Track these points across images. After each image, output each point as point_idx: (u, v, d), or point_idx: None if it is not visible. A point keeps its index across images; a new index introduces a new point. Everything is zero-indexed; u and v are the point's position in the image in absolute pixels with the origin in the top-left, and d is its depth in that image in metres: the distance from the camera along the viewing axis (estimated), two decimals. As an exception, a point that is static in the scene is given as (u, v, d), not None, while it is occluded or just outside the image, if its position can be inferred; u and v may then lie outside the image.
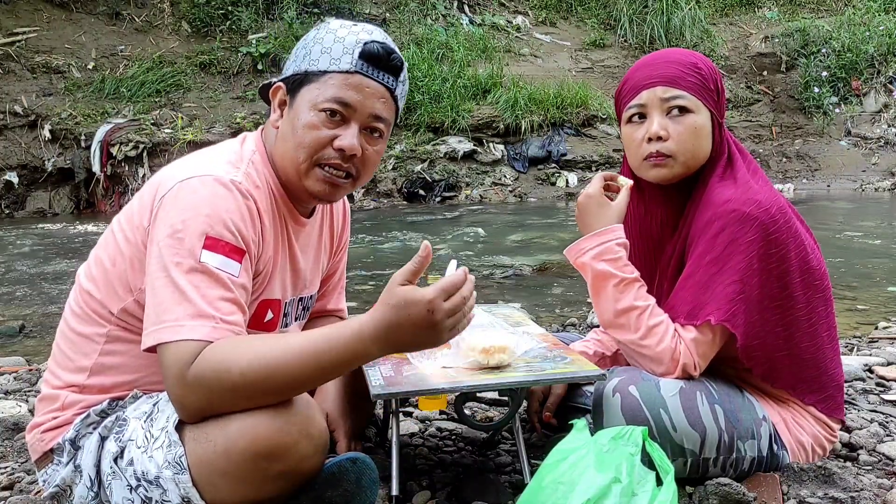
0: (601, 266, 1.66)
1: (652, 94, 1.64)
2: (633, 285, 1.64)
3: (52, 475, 1.48)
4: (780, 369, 1.65)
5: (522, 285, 4.89)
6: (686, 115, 1.63)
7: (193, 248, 1.31)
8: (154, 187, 1.44)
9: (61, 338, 1.53)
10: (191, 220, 1.33)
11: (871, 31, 11.56)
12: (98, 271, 1.48)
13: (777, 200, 1.62)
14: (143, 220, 1.42)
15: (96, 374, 1.47)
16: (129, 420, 1.40)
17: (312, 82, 1.46)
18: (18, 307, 4.52)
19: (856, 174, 10.44)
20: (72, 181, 8.82)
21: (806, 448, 1.70)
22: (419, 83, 9.96)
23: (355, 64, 1.45)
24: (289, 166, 1.49)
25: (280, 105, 1.51)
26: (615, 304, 1.64)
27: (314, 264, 1.69)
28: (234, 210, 1.37)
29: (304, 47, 1.50)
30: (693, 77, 1.64)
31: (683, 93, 1.63)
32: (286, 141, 1.48)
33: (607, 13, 12.76)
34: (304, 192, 1.52)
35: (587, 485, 1.25)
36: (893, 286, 4.59)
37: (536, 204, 9.33)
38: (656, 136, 1.64)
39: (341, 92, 1.44)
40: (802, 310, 1.63)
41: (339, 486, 1.40)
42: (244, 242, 1.37)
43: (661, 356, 1.59)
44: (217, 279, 1.32)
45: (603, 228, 1.69)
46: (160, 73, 9.67)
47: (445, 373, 1.51)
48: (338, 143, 1.45)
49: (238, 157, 1.49)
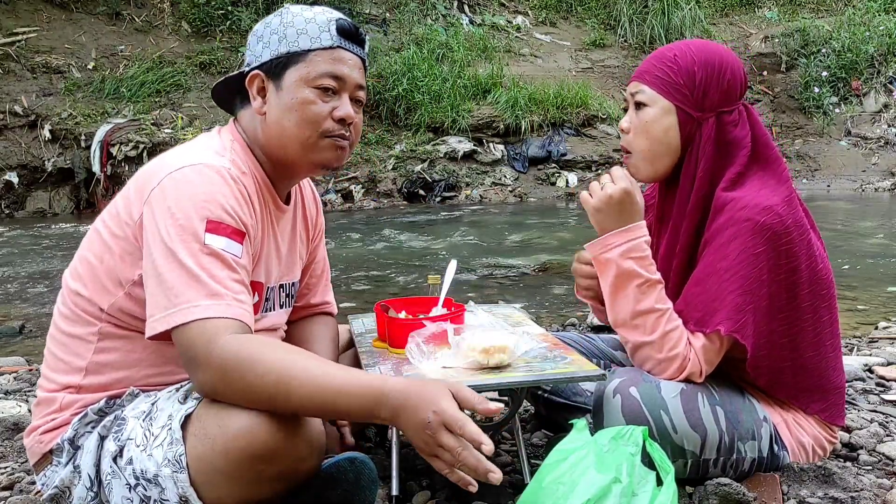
0: (627, 264, 1.59)
1: (629, 90, 1.70)
2: (656, 287, 1.60)
3: (50, 476, 1.47)
4: (784, 380, 1.64)
5: (522, 285, 4.89)
6: (642, 108, 1.65)
7: (197, 232, 1.33)
8: (140, 183, 1.45)
9: (52, 342, 1.53)
10: (190, 206, 1.35)
11: (871, 31, 11.56)
12: (85, 270, 1.49)
13: (793, 210, 1.58)
14: (133, 214, 1.42)
15: (92, 373, 1.47)
16: (128, 419, 1.39)
17: (298, 62, 1.49)
18: (18, 307, 4.52)
19: (856, 174, 10.44)
20: (72, 181, 8.81)
21: (806, 448, 1.70)
22: (419, 83, 9.96)
23: (335, 39, 1.51)
24: (291, 143, 1.52)
25: (259, 92, 1.53)
26: (635, 304, 1.60)
27: (292, 252, 1.71)
28: (229, 194, 1.40)
29: (272, 33, 1.53)
30: (660, 71, 1.62)
31: (644, 87, 1.64)
32: (282, 122, 1.51)
33: (607, 13, 12.76)
34: (307, 164, 1.55)
35: (587, 485, 1.25)
36: (893, 286, 4.59)
37: (536, 204, 9.33)
38: (621, 130, 1.69)
39: (331, 66, 1.50)
40: (809, 320, 1.62)
41: (338, 486, 1.41)
42: (243, 225, 1.40)
43: (671, 362, 1.58)
44: (223, 260, 1.34)
45: (632, 224, 1.61)
46: (160, 73, 9.66)
47: (445, 373, 1.51)
48: (338, 114, 1.51)
49: (221, 146, 1.52)
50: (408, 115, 9.94)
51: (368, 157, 9.45)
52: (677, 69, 1.62)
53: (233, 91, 1.61)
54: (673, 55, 1.64)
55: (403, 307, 1.83)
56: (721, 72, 1.63)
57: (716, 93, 1.63)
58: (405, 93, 9.88)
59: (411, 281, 5.06)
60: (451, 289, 1.83)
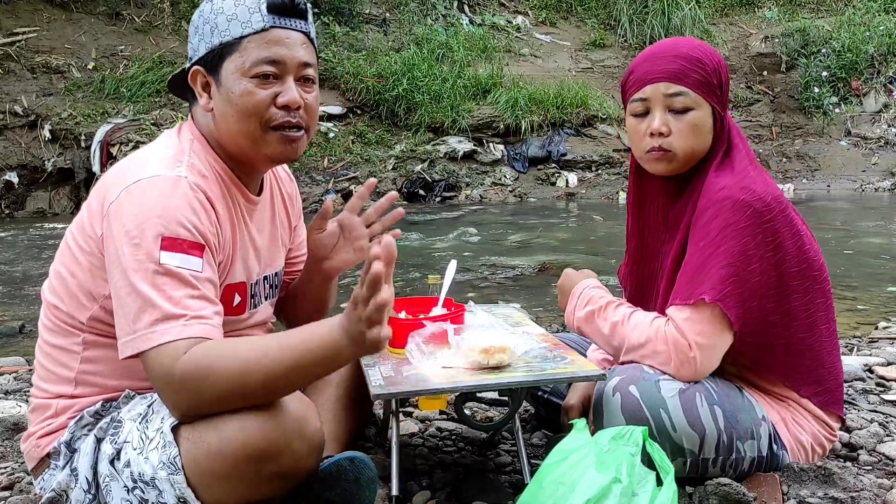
0: (584, 312, 1.75)
1: (655, 90, 1.66)
2: (609, 306, 1.72)
3: (48, 480, 1.47)
4: (775, 358, 1.65)
5: (522, 285, 4.89)
6: (687, 112, 1.65)
7: (151, 251, 1.30)
8: (101, 195, 1.42)
9: (40, 353, 1.53)
10: (144, 223, 1.32)
11: (871, 31, 11.55)
12: (59, 284, 1.48)
13: (773, 189, 1.62)
14: (95, 228, 1.41)
15: (82, 383, 1.47)
16: (124, 422, 1.39)
17: (232, 53, 1.43)
18: (18, 307, 4.52)
19: (856, 174, 10.43)
20: (72, 181, 8.81)
21: (805, 447, 1.70)
22: (419, 83, 9.96)
23: (266, 20, 1.43)
24: (240, 139, 1.47)
25: (204, 88, 1.48)
26: (605, 332, 1.71)
27: (272, 241, 1.67)
28: (185, 206, 1.35)
29: (205, 23, 1.46)
30: (696, 73, 1.64)
31: (685, 89, 1.64)
32: (227, 117, 1.46)
33: (607, 13, 12.76)
34: (262, 159, 1.51)
35: (587, 485, 1.25)
36: (893, 286, 4.59)
37: (536, 204, 9.33)
38: (658, 132, 1.66)
39: (265, 51, 1.42)
40: (799, 300, 1.63)
41: (338, 485, 1.40)
42: (201, 236, 1.36)
43: (648, 342, 1.60)
44: (180, 278, 1.31)
45: (574, 286, 1.83)
46: (160, 73, 9.65)
47: (445, 373, 1.51)
48: (280, 101, 1.44)
49: (178, 149, 1.47)
50: (408, 115, 9.94)
51: (368, 157, 9.45)
52: (710, 70, 1.65)
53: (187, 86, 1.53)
54: (696, 56, 1.65)
55: (403, 307, 1.83)
56: (727, 70, 1.72)
57: (728, 91, 1.72)
58: (405, 93, 9.87)
59: (411, 281, 5.06)
60: (451, 289, 1.83)
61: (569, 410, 1.78)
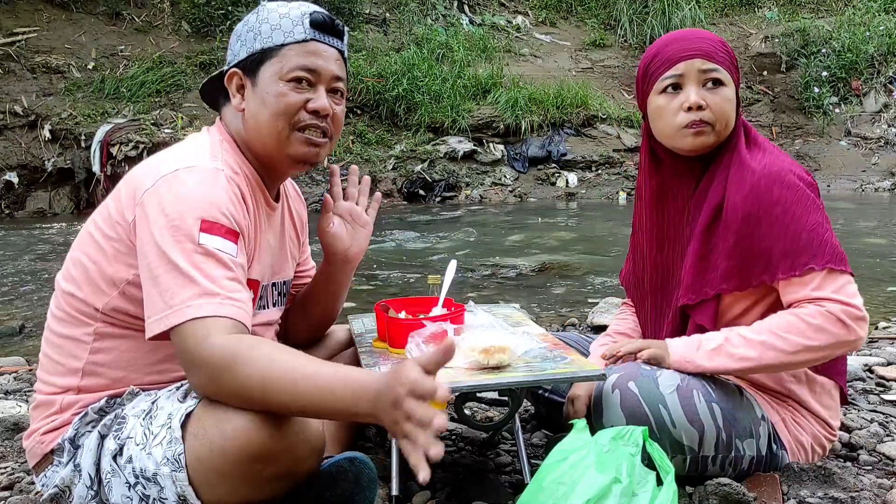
0: (718, 361, 1.62)
1: (690, 66, 1.69)
2: (725, 338, 1.62)
3: (51, 476, 1.47)
4: None
5: (522, 285, 4.89)
6: (720, 87, 1.69)
7: (191, 232, 1.34)
8: (132, 185, 1.45)
9: (47, 345, 1.53)
10: (184, 206, 1.36)
11: (871, 31, 11.56)
12: (78, 271, 1.49)
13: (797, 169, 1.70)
14: (125, 215, 1.42)
15: (89, 374, 1.48)
16: (128, 418, 1.40)
17: (271, 58, 1.51)
18: (18, 307, 4.52)
19: (856, 174, 10.44)
20: (72, 181, 8.82)
21: (805, 447, 1.70)
22: (419, 83, 9.97)
23: (308, 32, 1.52)
24: (267, 138, 1.53)
25: (238, 90, 1.55)
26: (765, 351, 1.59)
27: (282, 250, 1.71)
28: (223, 195, 1.40)
29: (249, 31, 1.55)
30: (724, 53, 1.72)
31: (718, 66, 1.69)
32: (258, 117, 1.52)
33: (607, 13, 12.77)
34: (286, 160, 1.55)
35: (587, 485, 1.25)
36: (893, 286, 4.60)
37: (536, 204, 9.34)
38: (696, 105, 1.68)
39: (304, 59, 1.51)
40: None
41: (338, 485, 1.41)
42: (238, 225, 1.41)
43: (822, 329, 1.56)
44: (218, 259, 1.34)
45: (662, 353, 1.67)
46: (160, 73, 9.67)
47: (445, 373, 1.51)
48: (311, 105, 1.51)
49: (211, 148, 1.52)
50: (408, 115, 9.94)
51: (368, 157, 9.45)
52: (732, 53, 1.75)
53: (218, 90, 1.62)
54: (720, 39, 1.75)
55: (403, 307, 1.83)
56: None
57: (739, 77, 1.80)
58: (405, 93, 9.88)
59: (411, 281, 5.06)
60: (451, 289, 1.83)
61: (574, 400, 1.74)
